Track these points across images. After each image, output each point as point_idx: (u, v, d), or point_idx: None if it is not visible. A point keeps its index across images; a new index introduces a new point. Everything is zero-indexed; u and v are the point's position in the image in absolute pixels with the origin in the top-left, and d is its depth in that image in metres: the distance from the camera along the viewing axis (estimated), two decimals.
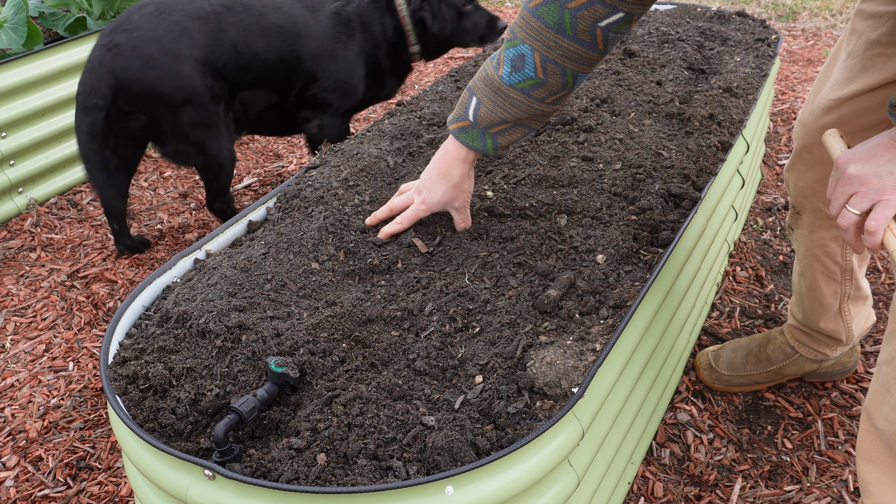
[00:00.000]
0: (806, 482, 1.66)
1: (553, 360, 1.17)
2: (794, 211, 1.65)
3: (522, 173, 1.75)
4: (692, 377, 1.93)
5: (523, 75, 1.20)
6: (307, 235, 1.51)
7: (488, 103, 1.26)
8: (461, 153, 1.38)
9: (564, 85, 1.23)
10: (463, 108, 1.32)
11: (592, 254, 1.45)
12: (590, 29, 1.15)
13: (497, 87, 1.22)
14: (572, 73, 1.21)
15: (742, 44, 2.55)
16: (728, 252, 2.28)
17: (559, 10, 1.14)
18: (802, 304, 1.74)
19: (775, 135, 3.12)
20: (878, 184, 0.98)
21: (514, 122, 1.25)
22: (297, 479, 1.01)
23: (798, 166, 1.58)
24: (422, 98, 2.19)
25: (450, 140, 1.39)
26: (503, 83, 1.22)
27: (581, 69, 1.22)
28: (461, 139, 1.35)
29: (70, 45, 2.78)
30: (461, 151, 1.38)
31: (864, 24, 1.36)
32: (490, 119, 1.27)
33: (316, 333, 1.23)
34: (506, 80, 1.21)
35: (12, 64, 2.63)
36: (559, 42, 1.16)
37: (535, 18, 1.17)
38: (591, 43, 1.17)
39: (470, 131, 1.31)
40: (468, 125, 1.31)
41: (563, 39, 1.16)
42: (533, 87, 1.21)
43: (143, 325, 1.32)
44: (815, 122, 1.48)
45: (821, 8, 4.62)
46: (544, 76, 1.19)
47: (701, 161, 1.79)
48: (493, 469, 1.01)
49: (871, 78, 1.35)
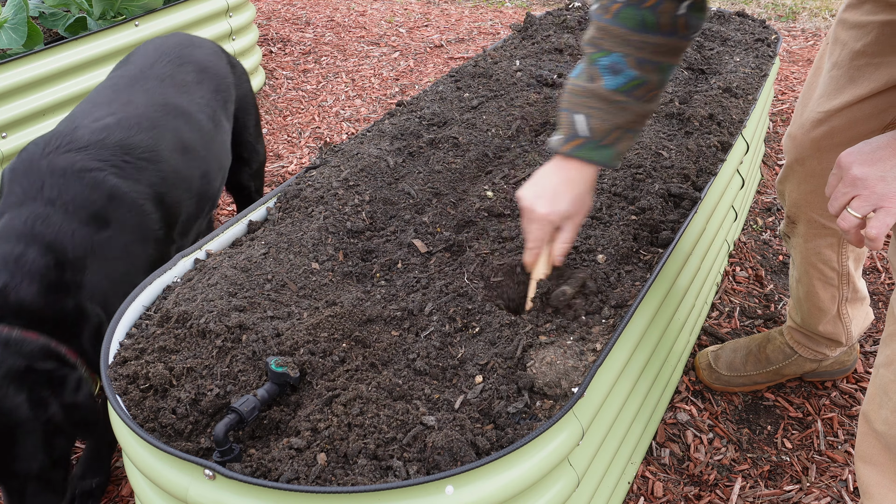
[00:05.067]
0: (806, 482, 1.66)
1: (553, 360, 1.17)
2: (789, 220, 1.65)
3: (522, 173, 1.75)
4: (692, 377, 1.93)
5: (625, 77, 1.21)
6: (307, 235, 1.51)
7: (598, 114, 1.23)
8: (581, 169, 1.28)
9: (661, 80, 1.25)
10: (570, 128, 1.26)
11: (592, 253, 1.45)
12: (672, 21, 1.18)
13: (602, 97, 1.22)
14: (667, 66, 1.24)
15: (742, 44, 2.55)
16: (728, 252, 2.28)
17: (638, 12, 1.17)
18: (801, 308, 1.75)
19: (775, 135, 3.12)
20: (882, 189, 0.97)
21: (625, 126, 1.25)
22: (297, 478, 1.01)
23: (791, 178, 1.58)
24: (422, 98, 2.20)
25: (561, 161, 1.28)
26: (607, 90, 1.22)
27: (673, 60, 1.24)
28: (581, 156, 1.26)
29: (70, 45, 2.78)
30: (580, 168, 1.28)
31: (848, 34, 1.36)
32: (604, 129, 1.24)
33: (316, 333, 1.23)
34: (609, 86, 1.22)
35: (12, 64, 2.63)
36: (647, 40, 1.19)
37: (615, 26, 1.19)
38: (676, 32, 1.20)
39: (587, 146, 1.25)
40: (584, 141, 1.25)
41: (650, 37, 1.18)
42: (635, 87, 1.22)
43: (144, 324, 1.32)
44: (805, 136, 1.47)
45: (821, 8, 4.62)
46: (644, 74, 1.21)
47: (701, 161, 1.79)
48: (493, 469, 1.01)
49: (859, 89, 1.35)
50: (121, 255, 1.60)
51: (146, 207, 1.65)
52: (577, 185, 1.27)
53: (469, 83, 2.26)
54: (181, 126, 1.79)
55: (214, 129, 1.91)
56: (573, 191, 1.27)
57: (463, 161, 1.82)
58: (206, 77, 1.96)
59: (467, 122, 1.99)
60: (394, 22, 4.63)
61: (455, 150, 1.87)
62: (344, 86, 3.74)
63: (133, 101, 1.77)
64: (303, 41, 4.31)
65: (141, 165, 1.66)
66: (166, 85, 1.86)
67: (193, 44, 2.05)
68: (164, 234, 1.71)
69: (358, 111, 3.47)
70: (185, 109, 1.83)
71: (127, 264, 1.61)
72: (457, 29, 4.49)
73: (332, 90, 3.69)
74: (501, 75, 2.28)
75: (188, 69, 1.94)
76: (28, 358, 1.40)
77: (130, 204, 1.62)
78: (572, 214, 1.28)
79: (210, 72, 1.99)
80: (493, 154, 1.87)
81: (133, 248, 1.63)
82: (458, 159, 1.82)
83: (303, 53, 4.14)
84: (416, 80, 3.81)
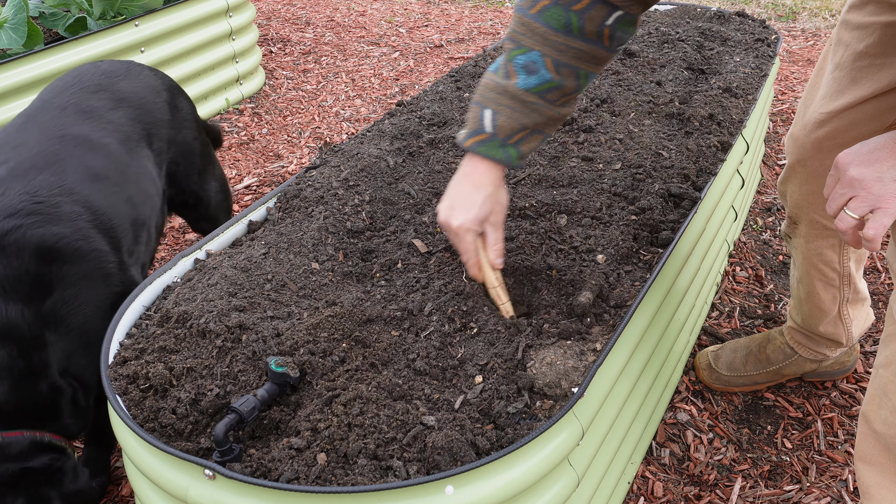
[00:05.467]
0: (806, 482, 1.66)
1: (553, 360, 1.17)
2: (791, 221, 1.65)
3: (522, 173, 1.75)
4: (692, 377, 1.93)
5: (539, 78, 1.19)
6: (307, 235, 1.51)
7: (506, 111, 1.22)
8: (486, 166, 1.28)
9: (577, 86, 1.22)
10: (477, 122, 1.26)
11: (592, 254, 1.45)
12: (598, 29, 1.15)
13: (513, 95, 1.20)
14: (585, 74, 1.21)
15: (742, 44, 2.55)
16: (728, 252, 2.28)
17: (565, 14, 1.14)
18: (801, 308, 1.75)
19: (775, 135, 3.12)
20: (879, 190, 0.97)
21: (532, 128, 1.23)
22: (297, 478, 1.01)
23: (792, 179, 1.58)
24: (422, 98, 2.19)
25: (469, 158, 1.29)
26: (519, 89, 1.20)
27: (593, 69, 1.21)
28: (483, 152, 1.26)
29: (70, 45, 2.78)
30: (485, 165, 1.28)
31: (851, 34, 1.35)
32: (510, 127, 1.23)
33: (316, 333, 1.23)
34: (521, 85, 1.19)
35: (12, 64, 2.63)
36: (569, 44, 1.16)
37: (538, 24, 1.16)
38: (600, 41, 1.17)
39: (490, 143, 1.25)
40: (487, 137, 1.25)
41: (572, 41, 1.16)
42: (549, 90, 1.20)
43: (144, 324, 1.33)
44: (807, 137, 1.47)
45: (821, 8, 4.62)
46: (560, 78, 1.18)
47: (701, 161, 1.79)
48: (493, 469, 1.02)
49: (861, 90, 1.34)
50: (78, 309, 1.44)
51: (82, 246, 1.46)
52: (485, 187, 1.27)
53: (469, 83, 2.26)
54: (84, 154, 1.60)
55: (128, 155, 1.70)
56: (482, 193, 1.26)
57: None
58: (124, 105, 1.78)
59: None
60: (394, 22, 4.63)
61: (455, 150, 1.87)
62: (344, 86, 3.74)
63: (24, 143, 1.58)
64: (303, 41, 4.31)
65: (55, 203, 1.46)
66: (66, 114, 1.68)
67: (124, 75, 1.86)
68: (116, 262, 1.53)
69: (358, 111, 3.47)
70: (86, 137, 1.64)
71: (87, 314, 1.46)
72: (457, 29, 4.49)
73: (332, 90, 3.69)
74: None
75: (102, 97, 1.76)
76: (19, 459, 1.34)
77: (65, 249, 1.43)
78: (487, 216, 1.28)
79: (131, 102, 1.80)
80: None
81: (88, 293, 1.46)
82: (458, 159, 1.82)
83: (303, 53, 4.14)
84: (416, 80, 3.81)
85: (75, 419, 1.47)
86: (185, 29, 3.14)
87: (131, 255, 1.61)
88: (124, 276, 1.54)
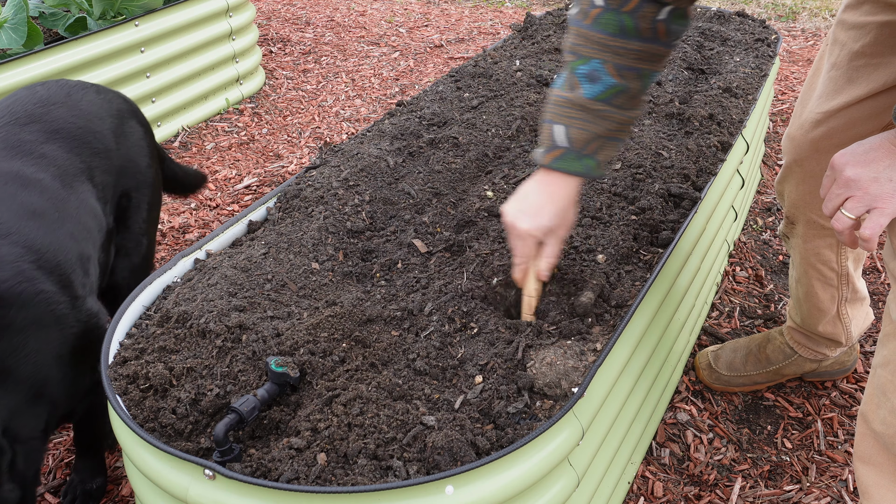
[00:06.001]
0: (805, 482, 1.66)
1: (553, 360, 1.18)
2: (788, 221, 1.65)
3: (522, 173, 1.75)
4: (692, 377, 1.93)
5: (603, 85, 1.19)
6: (307, 235, 1.51)
7: (578, 123, 1.22)
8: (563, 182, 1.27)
9: (642, 87, 1.23)
10: (550, 139, 1.26)
11: (592, 253, 1.45)
12: (652, 26, 1.16)
13: (581, 105, 1.20)
14: (647, 73, 1.22)
15: (742, 44, 2.55)
16: (728, 252, 2.28)
17: (617, 17, 1.15)
18: (800, 308, 1.75)
19: (775, 135, 3.12)
20: (875, 190, 0.97)
21: (606, 135, 1.23)
22: (297, 478, 1.01)
23: (790, 179, 1.58)
24: (422, 98, 2.20)
25: (544, 176, 1.27)
26: (586, 99, 1.20)
27: (653, 67, 1.22)
28: (561, 167, 1.25)
29: (70, 45, 2.78)
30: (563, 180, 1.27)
31: (847, 34, 1.35)
32: (583, 138, 1.23)
33: (316, 333, 1.23)
34: (588, 94, 1.20)
35: (12, 64, 2.63)
36: (627, 46, 1.17)
37: (594, 32, 1.17)
38: (656, 38, 1.18)
39: (566, 157, 1.24)
40: (563, 152, 1.24)
41: (629, 42, 1.16)
42: (615, 94, 1.20)
43: (144, 324, 1.33)
44: (804, 136, 1.47)
45: (821, 8, 4.62)
46: (623, 82, 1.19)
47: (701, 161, 1.79)
48: (493, 469, 1.02)
49: (858, 89, 1.34)
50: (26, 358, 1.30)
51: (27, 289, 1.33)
52: (560, 200, 1.27)
53: (469, 83, 2.27)
54: (17, 192, 1.47)
55: (66, 190, 1.56)
56: (555, 205, 1.26)
57: (463, 161, 1.82)
58: (59, 137, 1.63)
59: (467, 122, 1.99)
60: (394, 22, 4.63)
61: (455, 150, 1.87)
62: (344, 86, 3.74)
63: None
64: (303, 41, 4.31)
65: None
66: None
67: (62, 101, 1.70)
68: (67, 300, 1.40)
69: (358, 111, 3.47)
70: (16, 173, 1.50)
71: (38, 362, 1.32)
72: (457, 29, 4.49)
73: (332, 90, 3.69)
74: (501, 75, 2.28)
75: (33, 129, 1.62)
76: None
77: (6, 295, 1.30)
78: (554, 229, 1.28)
79: (67, 132, 1.64)
80: (493, 154, 1.87)
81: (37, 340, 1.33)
82: (458, 159, 1.82)
83: (303, 53, 4.14)
84: (416, 80, 3.81)
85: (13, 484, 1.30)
86: (185, 29, 3.14)
87: (84, 287, 1.48)
88: (79, 315, 1.42)
